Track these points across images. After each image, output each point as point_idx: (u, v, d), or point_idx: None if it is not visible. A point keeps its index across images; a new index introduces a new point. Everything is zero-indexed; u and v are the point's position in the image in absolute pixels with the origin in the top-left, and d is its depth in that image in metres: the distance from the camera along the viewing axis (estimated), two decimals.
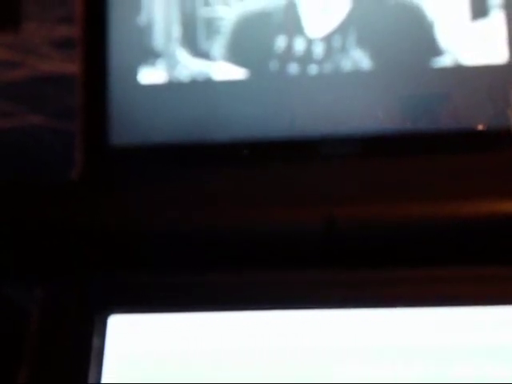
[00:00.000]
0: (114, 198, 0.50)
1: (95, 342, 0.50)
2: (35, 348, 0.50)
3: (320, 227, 0.47)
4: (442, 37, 0.50)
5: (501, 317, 0.47)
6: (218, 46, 0.51)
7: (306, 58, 0.50)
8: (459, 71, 0.49)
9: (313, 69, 0.50)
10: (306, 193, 0.49)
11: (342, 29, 0.50)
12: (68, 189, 0.50)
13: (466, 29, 0.50)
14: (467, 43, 0.50)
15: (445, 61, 0.50)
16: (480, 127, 0.49)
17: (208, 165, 0.50)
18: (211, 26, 0.51)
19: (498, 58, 0.49)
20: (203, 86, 0.51)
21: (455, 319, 0.47)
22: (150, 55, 0.51)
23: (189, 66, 0.51)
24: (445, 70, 0.49)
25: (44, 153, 0.50)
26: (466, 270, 0.48)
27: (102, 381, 0.49)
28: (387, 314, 0.48)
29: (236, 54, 0.51)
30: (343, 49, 0.50)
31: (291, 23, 0.51)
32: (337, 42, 0.50)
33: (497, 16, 0.50)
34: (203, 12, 0.52)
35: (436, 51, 0.50)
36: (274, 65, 0.51)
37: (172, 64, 0.51)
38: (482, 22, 0.50)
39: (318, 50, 0.50)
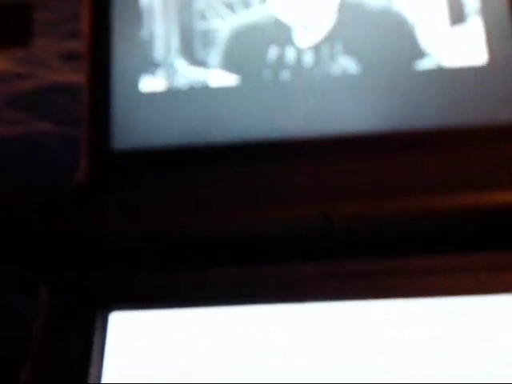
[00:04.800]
0: (117, 200, 0.53)
1: (97, 338, 0.51)
2: (38, 345, 0.52)
3: (317, 223, 0.49)
4: (424, 41, 0.53)
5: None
6: (214, 56, 0.55)
7: (297, 65, 0.53)
8: (441, 73, 0.52)
9: (304, 75, 0.53)
10: (301, 191, 0.51)
11: (329, 38, 0.54)
12: (72, 192, 0.53)
13: (446, 33, 0.53)
14: (448, 47, 0.53)
15: (427, 63, 0.53)
16: (463, 125, 0.51)
17: (206, 166, 0.53)
18: (207, 38, 0.55)
19: (478, 59, 0.52)
20: (200, 93, 0.54)
21: (459, 309, 0.49)
22: (150, 65, 0.55)
23: (187, 75, 0.55)
24: (427, 72, 0.52)
25: (51, 157, 0.53)
26: (459, 259, 0.50)
27: (103, 379, 0.50)
28: (384, 305, 0.50)
29: (231, 63, 0.54)
30: (331, 56, 0.53)
31: (282, 35, 0.54)
32: (325, 50, 0.54)
33: (474, 21, 0.53)
34: (200, 25, 0.55)
35: (418, 55, 0.53)
36: (266, 72, 0.54)
37: (171, 73, 0.55)
38: (460, 27, 0.53)
39: (308, 58, 0.54)
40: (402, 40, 0.53)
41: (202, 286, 0.52)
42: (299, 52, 0.54)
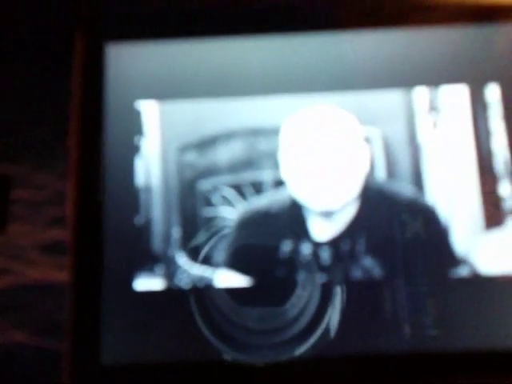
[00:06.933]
0: None
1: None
2: None
3: None
4: (457, 244, 0.47)
5: None
6: (220, 251, 0.48)
7: (313, 264, 0.47)
8: (476, 281, 0.47)
9: (320, 276, 0.47)
10: None
11: (350, 232, 0.47)
12: None
13: (481, 237, 0.47)
14: (484, 252, 0.47)
15: (462, 271, 0.47)
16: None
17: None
18: (212, 227, 0.48)
19: None
20: (204, 294, 0.47)
21: None
22: (146, 258, 0.48)
23: (189, 272, 0.48)
24: (462, 280, 0.47)
25: (25, 375, 0.45)
26: None
27: None
28: None
29: (239, 261, 0.47)
30: (352, 255, 0.47)
31: (297, 225, 0.48)
32: (345, 246, 0.47)
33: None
34: (204, 212, 0.48)
35: (451, 260, 0.47)
36: (279, 271, 0.47)
37: (171, 269, 0.47)
38: (496, 231, 0.47)
39: (326, 255, 0.47)
40: (432, 241, 0.47)
41: None
42: (316, 247, 0.47)
